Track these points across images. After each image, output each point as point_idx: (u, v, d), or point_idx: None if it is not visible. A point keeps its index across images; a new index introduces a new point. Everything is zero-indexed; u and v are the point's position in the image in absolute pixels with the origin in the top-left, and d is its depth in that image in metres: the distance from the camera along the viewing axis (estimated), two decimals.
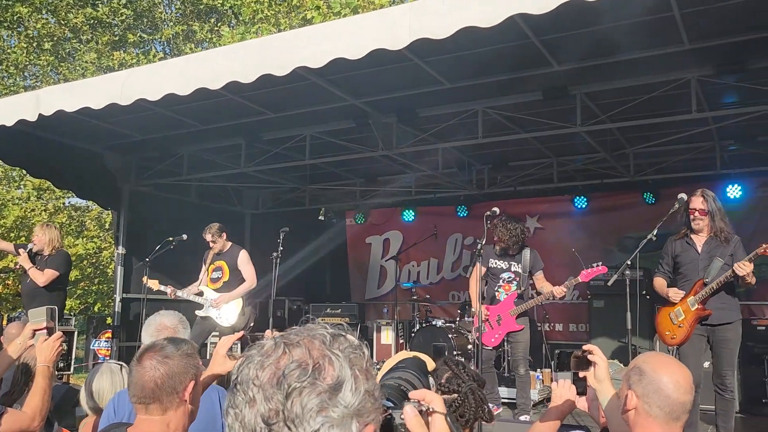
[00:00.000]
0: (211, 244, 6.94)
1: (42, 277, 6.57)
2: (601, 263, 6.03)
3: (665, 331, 5.02)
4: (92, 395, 3.17)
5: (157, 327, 2.77)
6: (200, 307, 6.88)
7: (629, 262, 4.77)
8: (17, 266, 6.92)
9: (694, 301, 4.87)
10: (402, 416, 0.95)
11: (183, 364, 2.06)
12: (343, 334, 0.94)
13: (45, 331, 2.77)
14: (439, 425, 0.99)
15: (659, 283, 5.15)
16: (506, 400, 6.91)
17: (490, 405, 6.25)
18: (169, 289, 6.93)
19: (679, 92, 5.81)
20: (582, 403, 2.57)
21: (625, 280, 5.23)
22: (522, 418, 6.15)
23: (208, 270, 7.01)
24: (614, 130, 7.24)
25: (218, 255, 6.98)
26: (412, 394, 1.02)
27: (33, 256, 6.77)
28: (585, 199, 9.81)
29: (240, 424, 0.86)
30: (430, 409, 1.00)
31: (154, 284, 7.00)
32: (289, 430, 0.84)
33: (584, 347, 2.45)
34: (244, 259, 6.90)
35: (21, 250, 6.78)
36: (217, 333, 7.01)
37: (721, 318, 4.84)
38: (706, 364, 5.35)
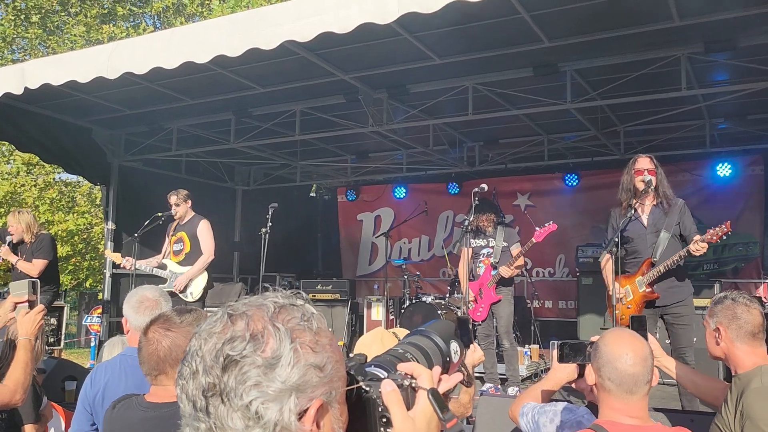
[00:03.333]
0: (173, 207, 6.56)
1: (34, 269, 6.36)
2: (552, 222, 6.15)
3: (630, 315, 4.86)
4: None
5: (139, 299, 2.76)
6: (165, 282, 6.57)
7: (617, 239, 4.73)
8: (1, 261, 6.65)
9: (642, 282, 4.67)
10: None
11: (187, 333, 2.04)
12: (295, 303, 0.90)
13: (26, 304, 2.75)
14: (421, 403, 0.92)
15: (605, 266, 4.87)
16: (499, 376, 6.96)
17: (489, 385, 6.27)
18: (127, 263, 6.60)
19: (669, 69, 5.80)
20: (578, 384, 2.55)
21: (612, 258, 5.22)
22: (510, 390, 6.24)
23: (170, 242, 6.72)
24: (605, 108, 7.23)
25: (179, 226, 6.65)
26: (400, 366, 0.94)
27: (14, 247, 6.52)
28: (576, 177, 9.83)
29: (185, 395, 0.85)
30: (413, 385, 0.92)
31: (116, 257, 6.79)
32: (223, 404, 0.81)
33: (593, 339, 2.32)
34: (203, 229, 6.50)
35: (3, 247, 6.47)
36: None
37: (671, 298, 4.66)
38: (667, 341, 5.32)
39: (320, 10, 4.44)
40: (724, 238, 4.49)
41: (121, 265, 6.76)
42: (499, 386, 6.44)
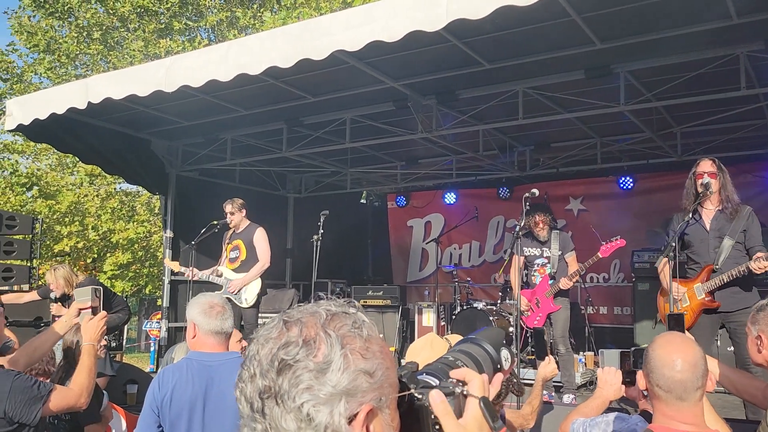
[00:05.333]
0: (228, 216, 6.73)
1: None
2: (619, 237, 6.03)
3: (667, 314, 4.59)
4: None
5: (209, 304, 2.86)
6: (221, 288, 6.71)
7: (674, 243, 4.59)
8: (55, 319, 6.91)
9: (701, 290, 4.53)
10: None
11: None
12: (347, 311, 0.93)
13: (90, 310, 2.87)
14: (472, 411, 0.93)
15: (662, 268, 4.73)
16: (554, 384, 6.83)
17: (543, 393, 6.27)
18: (188, 271, 6.76)
19: (728, 68, 5.62)
20: (628, 392, 2.56)
21: (669, 263, 5.08)
22: (565, 398, 6.15)
23: (226, 250, 6.87)
24: (660, 109, 7.06)
25: (235, 234, 6.80)
26: (453, 373, 0.96)
27: (63, 301, 6.71)
28: (631, 180, 9.61)
29: (244, 397, 0.90)
30: (465, 392, 0.93)
31: (174, 266, 6.98)
32: (277, 406, 0.86)
33: None
34: (260, 237, 6.65)
35: (53, 305, 6.70)
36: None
37: (735, 305, 4.46)
38: (729, 348, 5.11)
39: (369, 20, 4.51)
40: None
41: (185, 275, 6.93)
42: (553, 393, 6.35)
